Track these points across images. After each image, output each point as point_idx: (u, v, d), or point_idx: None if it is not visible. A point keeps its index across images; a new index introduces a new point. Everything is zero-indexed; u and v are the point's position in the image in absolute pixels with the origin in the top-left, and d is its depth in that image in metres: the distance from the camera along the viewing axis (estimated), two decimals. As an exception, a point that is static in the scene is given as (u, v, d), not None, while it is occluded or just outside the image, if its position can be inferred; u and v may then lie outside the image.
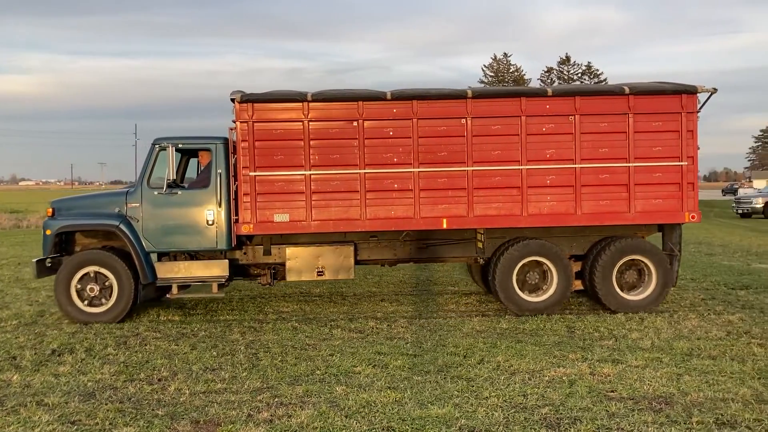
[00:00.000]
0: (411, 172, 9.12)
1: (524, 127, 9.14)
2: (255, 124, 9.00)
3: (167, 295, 9.61)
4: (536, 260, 9.42)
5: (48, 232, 9.22)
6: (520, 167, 9.16)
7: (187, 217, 9.23)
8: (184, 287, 9.61)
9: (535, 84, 71.85)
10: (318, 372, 6.66)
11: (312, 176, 9.05)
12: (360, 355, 7.23)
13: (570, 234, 9.65)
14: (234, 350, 7.58)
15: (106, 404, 5.76)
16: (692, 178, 9.30)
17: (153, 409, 5.64)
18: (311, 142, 9.04)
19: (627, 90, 9.13)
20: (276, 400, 5.85)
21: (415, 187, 9.13)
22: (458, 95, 9.17)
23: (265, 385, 6.27)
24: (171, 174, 9.09)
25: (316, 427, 5.18)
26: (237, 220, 9.12)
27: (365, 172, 9.08)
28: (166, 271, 9.27)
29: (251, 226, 9.05)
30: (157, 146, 9.27)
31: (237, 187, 9.14)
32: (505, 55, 74.78)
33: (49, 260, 9.31)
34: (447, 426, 5.16)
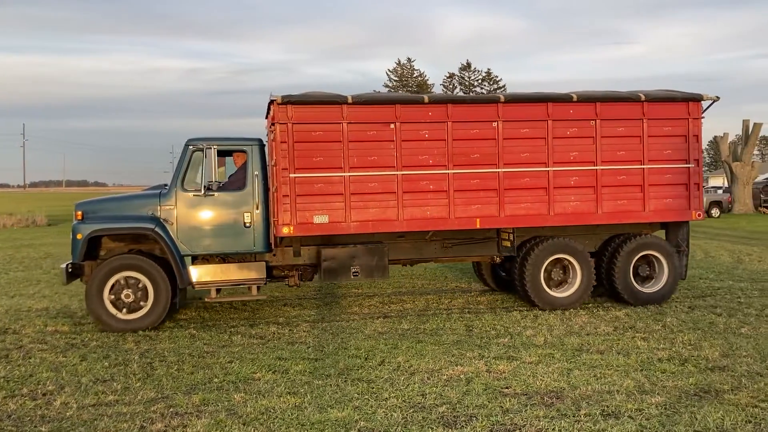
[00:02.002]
0: (445, 173, 9.32)
1: (551, 130, 9.54)
2: (294, 125, 8.95)
3: (206, 299, 9.47)
4: (559, 258, 9.81)
5: (79, 237, 8.76)
6: (547, 169, 9.54)
7: (223, 219, 9.12)
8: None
9: (438, 90, 73.38)
10: (216, 380, 6.50)
11: (350, 177, 9.09)
12: (260, 361, 7.12)
13: (583, 232, 10.13)
14: (127, 360, 7.28)
15: (-17, 423, 5.39)
16: (698, 179, 9.98)
17: (36, 426, 5.32)
18: (349, 144, 9.09)
19: (642, 97, 9.71)
20: (171, 410, 5.66)
21: (449, 188, 9.34)
22: (491, 100, 9.54)
23: (159, 395, 6.06)
24: (213, 176, 8.93)
25: (213, 437, 5.05)
26: (277, 222, 8.99)
27: (402, 174, 9.22)
28: (203, 274, 9.10)
29: (291, 227, 8.95)
30: (191, 147, 9.10)
31: (276, 188, 9.01)
32: (409, 60, 76.03)
33: (69, 265, 8.96)
34: (346, 429, 5.15)
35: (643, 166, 9.78)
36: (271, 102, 8.99)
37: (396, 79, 74.11)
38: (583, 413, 5.40)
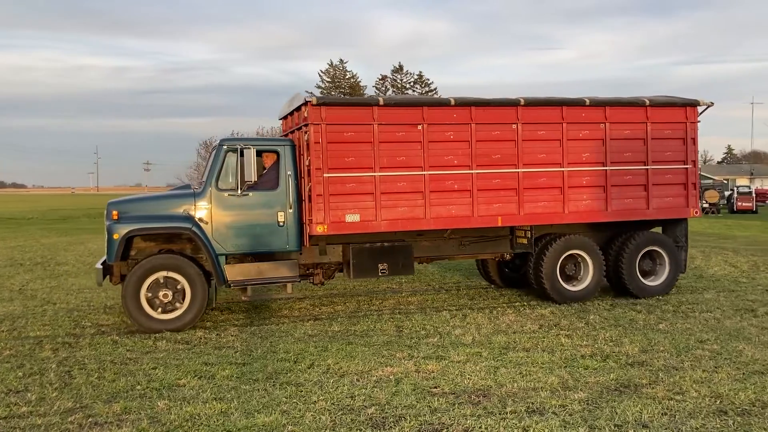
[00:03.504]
0: (469, 173, 9.62)
1: (565, 132, 9.98)
2: (327, 126, 9.08)
3: (243, 298, 9.67)
4: (573, 253, 10.27)
5: (116, 236, 8.65)
6: (562, 169, 9.98)
7: (258, 218, 9.22)
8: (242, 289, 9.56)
9: (370, 91, 73.58)
10: (139, 387, 6.29)
11: (380, 177, 9.30)
12: (185, 367, 6.93)
13: (586, 229, 10.59)
14: (44, 369, 6.96)
15: None
16: (694, 179, 10.65)
17: (-59, 441, 5.02)
18: (380, 145, 9.28)
19: (647, 102, 10.29)
20: (90, 420, 5.44)
21: (473, 188, 9.65)
22: (511, 103, 9.82)
23: (78, 405, 5.82)
24: (252, 176, 8.95)
25: (133, 446, 4.88)
26: (311, 221, 9.09)
27: (429, 174, 9.46)
28: (237, 273, 9.18)
29: (325, 226, 9.08)
30: (224, 147, 9.19)
31: (310, 188, 9.08)
32: (342, 61, 75.85)
33: (99, 264, 8.93)
34: (273, 434, 5.07)
35: (646, 167, 10.35)
36: (305, 103, 9.12)
37: (329, 80, 73.84)
38: (509, 410, 5.49)
